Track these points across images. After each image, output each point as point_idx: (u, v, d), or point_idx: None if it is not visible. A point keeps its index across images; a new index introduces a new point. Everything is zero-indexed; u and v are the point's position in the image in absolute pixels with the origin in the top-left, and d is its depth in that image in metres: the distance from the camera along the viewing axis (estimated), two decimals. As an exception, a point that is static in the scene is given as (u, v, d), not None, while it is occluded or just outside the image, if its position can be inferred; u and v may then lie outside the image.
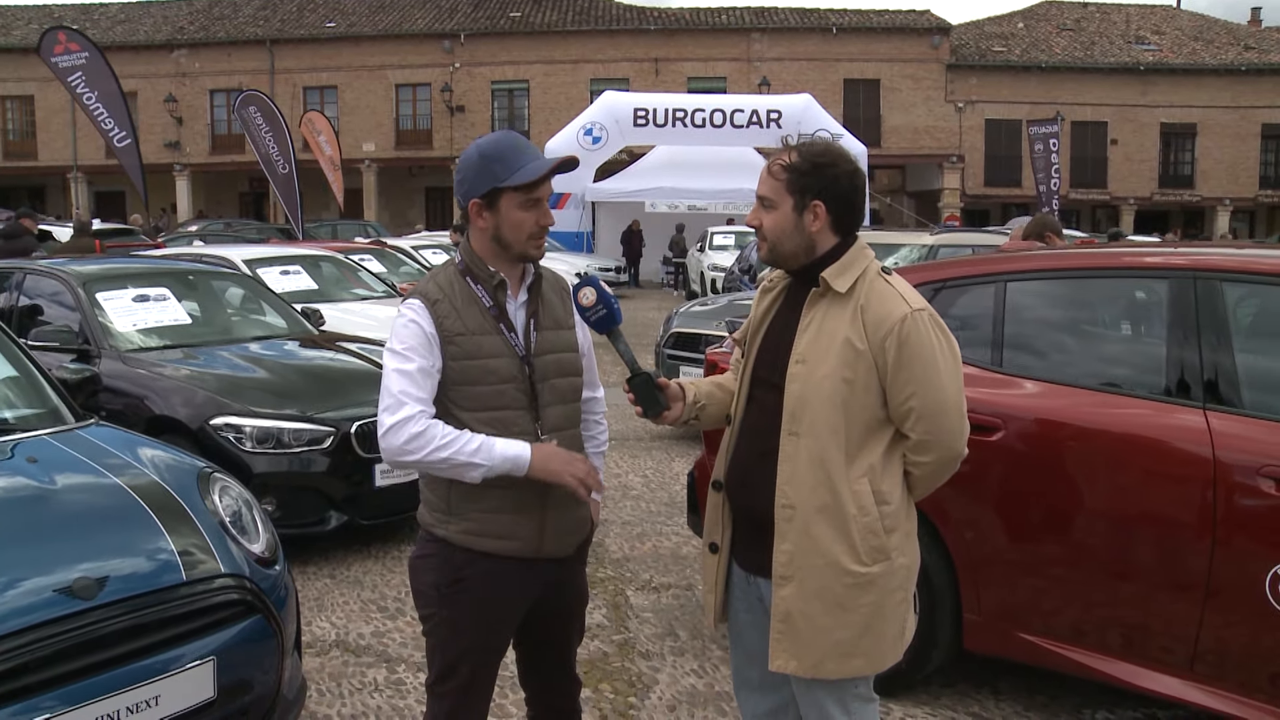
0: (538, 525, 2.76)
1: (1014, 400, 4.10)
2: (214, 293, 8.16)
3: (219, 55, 42.37)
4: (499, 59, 41.17)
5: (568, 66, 40.81)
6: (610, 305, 2.71)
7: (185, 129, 42.33)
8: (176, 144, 42.05)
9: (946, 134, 40.65)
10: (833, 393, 2.59)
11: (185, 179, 42.54)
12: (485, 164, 2.71)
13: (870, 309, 2.59)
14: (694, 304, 11.84)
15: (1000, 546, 4.10)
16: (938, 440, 2.62)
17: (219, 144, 42.52)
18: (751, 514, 2.77)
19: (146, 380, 6.41)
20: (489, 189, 2.70)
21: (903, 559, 2.68)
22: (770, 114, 30.36)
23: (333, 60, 41.64)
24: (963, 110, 40.67)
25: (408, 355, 2.68)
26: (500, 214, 2.72)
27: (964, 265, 4.83)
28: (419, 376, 2.66)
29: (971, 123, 40.79)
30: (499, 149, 2.72)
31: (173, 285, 7.67)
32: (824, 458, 2.60)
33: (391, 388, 2.66)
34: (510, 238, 2.73)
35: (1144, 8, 47.33)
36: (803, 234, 2.67)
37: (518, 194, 2.70)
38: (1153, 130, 41.36)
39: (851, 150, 2.75)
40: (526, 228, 2.73)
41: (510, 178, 2.68)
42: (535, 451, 2.65)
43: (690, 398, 2.83)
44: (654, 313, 21.15)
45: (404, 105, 42.14)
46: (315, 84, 41.93)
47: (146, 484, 3.55)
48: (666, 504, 7.54)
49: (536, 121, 40.38)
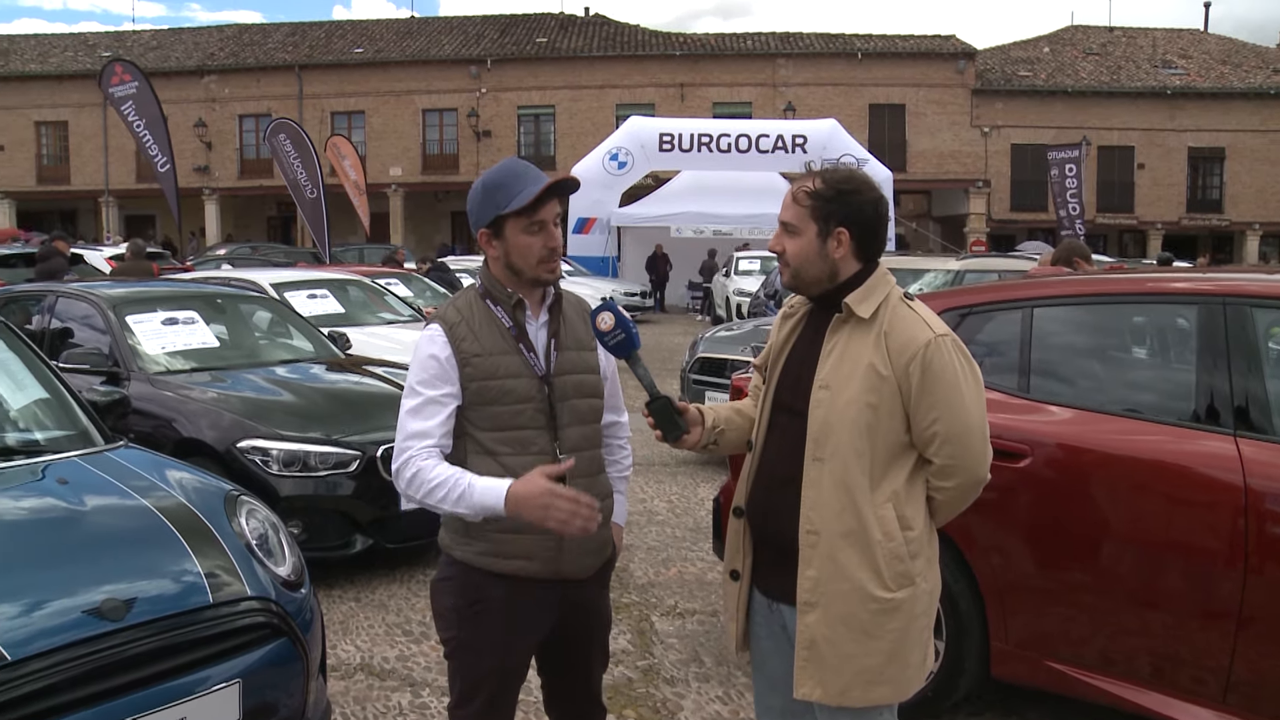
0: (555, 546, 2.76)
1: (1041, 426, 4.08)
2: (241, 316, 8.23)
3: (248, 81, 42.83)
4: (525, 84, 41.42)
5: (593, 92, 41.01)
6: (628, 330, 2.71)
7: (214, 153, 42.74)
8: (206, 168, 42.47)
9: (972, 159, 40.58)
10: (857, 418, 2.59)
11: (214, 203, 42.89)
12: (488, 194, 2.74)
13: (894, 334, 2.60)
14: (719, 329, 11.84)
15: (1027, 573, 4.07)
16: (961, 465, 2.62)
17: (247, 168, 42.89)
18: (774, 540, 2.77)
19: (174, 403, 6.46)
20: (493, 218, 2.73)
21: (926, 584, 2.67)
22: (795, 139, 30.45)
23: (360, 86, 41.99)
24: (988, 135, 40.58)
25: (418, 390, 2.72)
26: (507, 241, 2.74)
27: (990, 291, 4.82)
28: (429, 409, 2.70)
29: (997, 147, 40.70)
30: (499, 177, 2.75)
31: (201, 309, 7.73)
32: (848, 483, 2.60)
33: (404, 427, 2.71)
34: (520, 263, 2.75)
35: (1170, 31, 47.07)
36: (826, 260, 2.68)
37: (520, 219, 2.72)
38: (1180, 154, 41.07)
39: (876, 175, 2.76)
40: (535, 252, 2.74)
41: (510, 204, 2.71)
42: (510, 500, 2.55)
43: (709, 422, 2.83)
44: (679, 338, 21.15)
45: (431, 130, 42.42)
46: (343, 109, 42.29)
47: (174, 506, 3.57)
48: (692, 529, 7.52)
49: (562, 146, 40.58)
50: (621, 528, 3.07)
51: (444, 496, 2.62)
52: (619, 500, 3.07)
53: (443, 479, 2.63)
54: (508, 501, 2.55)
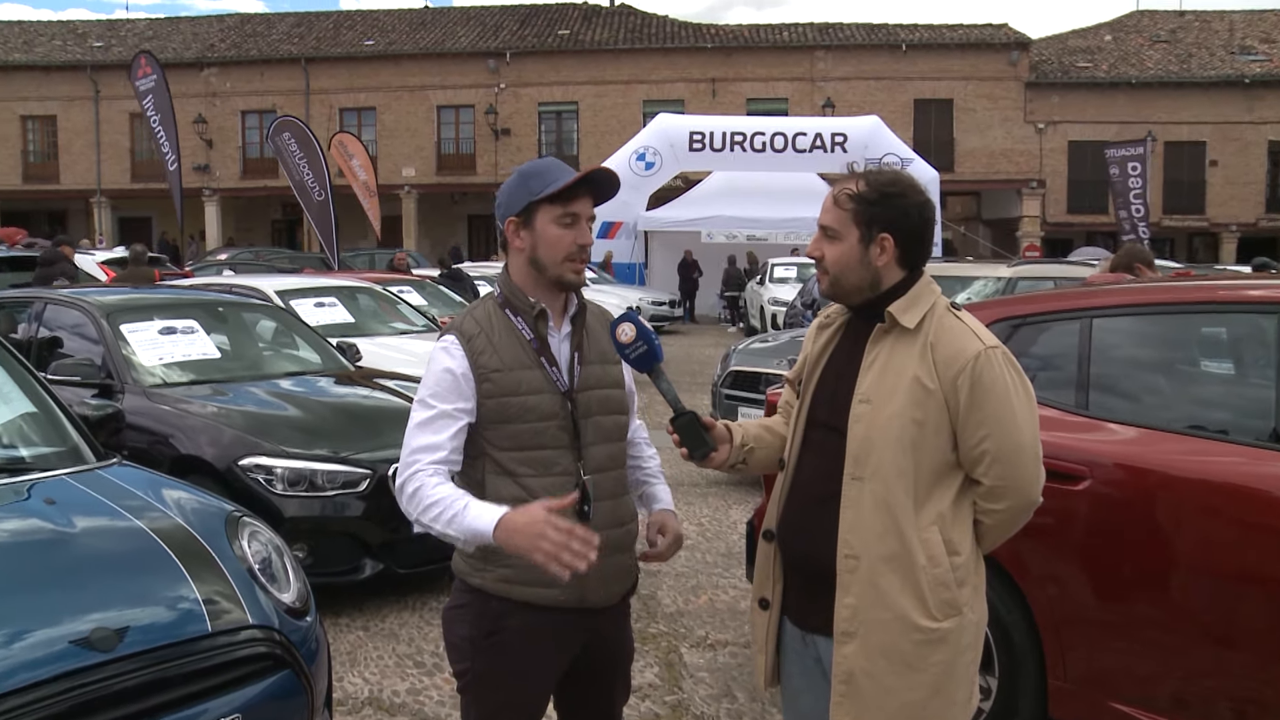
0: (579, 573, 2.76)
1: (1101, 446, 4.05)
2: (244, 325, 8.27)
3: (251, 74, 43.04)
4: (546, 79, 41.58)
5: (619, 87, 41.11)
6: (650, 341, 2.72)
7: (215, 152, 42.95)
8: (206, 167, 42.62)
9: (1026, 157, 40.32)
10: (901, 434, 2.58)
11: (214, 204, 43.11)
12: (523, 180, 2.78)
13: (940, 346, 2.60)
14: (754, 341, 11.81)
15: (1088, 605, 4.03)
16: (1012, 486, 2.61)
17: (250, 168, 43.13)
18: (808, 565, 2.76)
19: (172, 418, 6.50)
20: (525, 204, 2.76)
21: (973, 614, 2.66)
22: (835, 137, 30.40)
23: (371, 80, 42.21)
24: (1043, 131, 40.26)
25: (429, 403, 2.74)
26: (536, 231, 2.76)
27: (1045, 300, 4.80)
28: (440, 422, 2.71)
29: (1053, 145, 40.36)
30: (538, 167, 2.81)
31: (201, 317, 7.78)
32: (891, 504, 2.59)
33: (410, 442, 2.72)
34: (546, 258, 2.77)
35: (1251, 14, 45.44)
36: (868, 267, 2.68)
37: (554, 207, 2.75)
38: (1259, 149, 40.15)
39: (922, 176, 2.77)
40: (563, 246, 2.76)
41: (545, 189, 2.74)
42: (500, 527, 2.52)
43: (737, 440, 2.83)
44: (710, 350, 21.12)
45: (446, 128, 42.61)
46: (352, 105, 42.51)
47: (170, 528, 3.59)
48: (724, 554, 7.51)
49: (586, 145, 40.67)
50: (674, 513, 2.99)
51: (437, 516, 2.61)
52: (662, 488, 3.07)
53: (440, 498, 2.62)
54: (498, 528, 2.53)
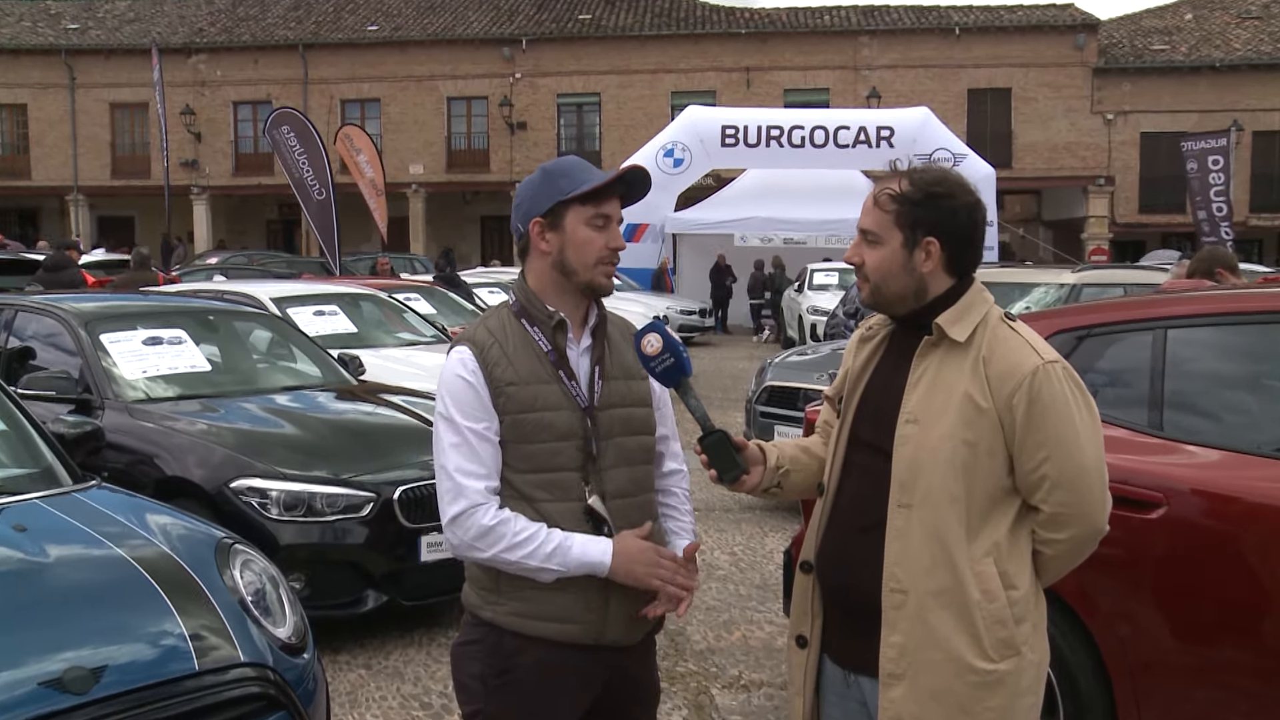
0: (600, 606, 2.76)
1: (1178, 470, 4.02)
2: (237, 335, 8.30)
3: (244, 62, 43.23)
4: (566, 68, 41.71)
5: (645, 77, 41.21)
6: (678, 354, 2.72)
7: (204, 146, 43.15)
8: (194, 163, 42.74)
9: (1092, 151, 40.07)
10: (952, 456, 2.58)
11: (204, 203, 43.35)
12: (549, 179, 2.80)
13: (994, 360, 2.59)
14: (791, 353, 11.80)
15: (1165, 647, 3.99)
16: (1075, 513, 2.59)
17: (243, 164, 43.35)
18: (851, 600, 2.75)
19: (157, 436, 6.53)
20: (552, 204, 2.76)
21: (1033, 655, 2.64)
22: (881, 131, 30.32)
23: (375, 69, 42.40)
24: (1113, 123, 39.92)
25: (459, 421, 2.73)
26: (565, 233, 2.77)
27: (1114, 309, 4.77)
28: (477, 445, 2.73)
29: (1124, 137, 40.01)
30: (563, 165, 2.83)
31: (189, 326, 7.80)
32: (942, 533, 2.58)
33: (448, 466, 2.73)
34: (576, 261, 2.78)
35: None
36: (912, 274, 2.68)
37: (585, 207, 2.76)
38: (1367, 138, 39.17)
39: (976, 173, 2.78)
40: (595, 250, 2.78)
41: (577, 189, 2.75)
42: (618, 555, 2.70)
43: (772, 461, 2.83)
44: (743, 363, 21.09)
45: (457, 121, 42.81)
46: (355, 96, 42.73)
47: (155, 556, 3.60)
48: (758, 586, 7.49)
49: (609, 140, 40.79)
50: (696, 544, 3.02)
51: (532, 552, 2.68)
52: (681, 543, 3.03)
53: (530, 532, 2.69)
54: (616, 557, 2.70)
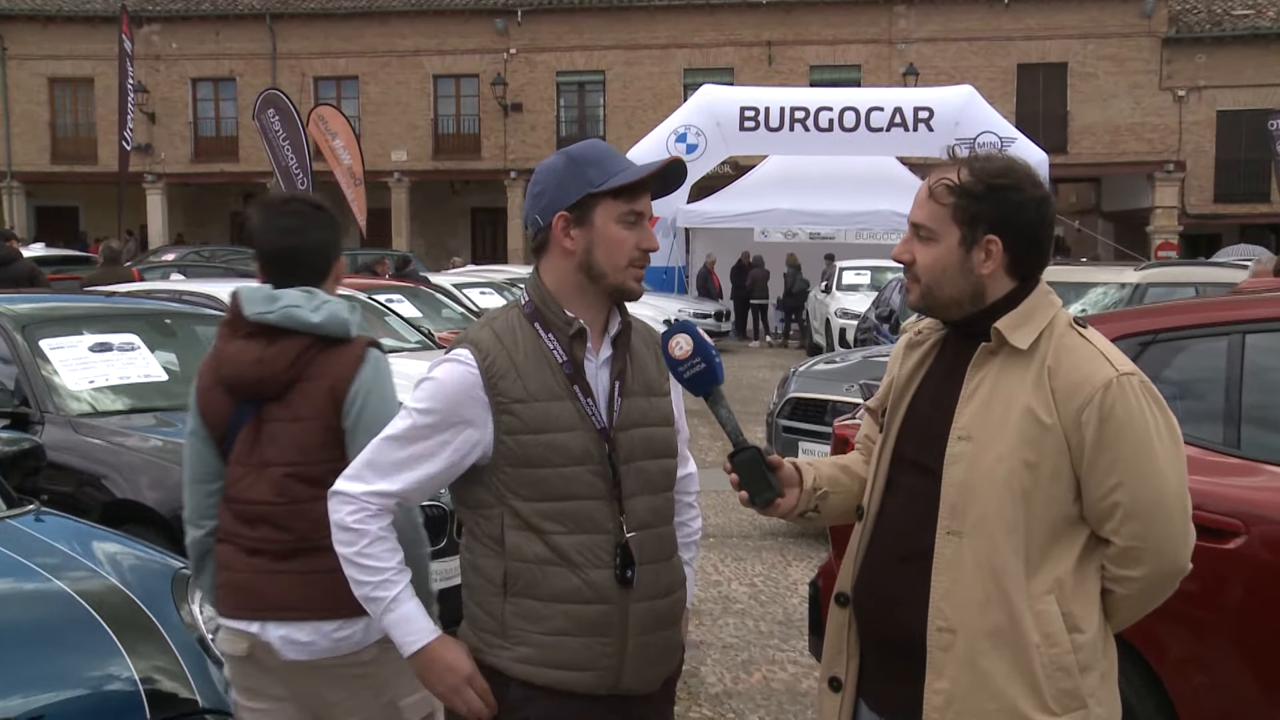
0: (616, 652, 2.76)
1: (1259, 494, 4.02)
2: (198, 341, 8.27)
3: (203, 33, 43.15)
4: (566, 43, 41.79)
5: (655, 53, 41.26)
6: (710, 358, 2.70)
7: (159, 129, 43.09)
8: (148, 147, 42.43)
9: (1160, 133, 39.72)
10: (1009, 479, 2.56)
11: (159, 193, 43.31)
12: (575, 168, 2.77)
13: (1061, 372, 2.57)
14: (818, 361, 11.80)
15: (1248, 697, 3.97)
16: (1152, 548, 2.56)
17: (204, 148, 43.40)
18: (891, 638, 2.74)
19: (105, 454, 6.51)
20: (581, 196, 2.74)
21: (1101, 709, 2.62)
22: (919, 113, 30.40)
23: (352, 43, 42.49)
24: (1184, 100, 39.42)
25: (418, 418, 2.73)
26: (595, 230, 2.75)
27: (1184, 311, 4.78)
28: (420, 454, 2.73)
29: (1197, 116, 39.47)
30: (591, 152, 2.81)
31: (144, 331, 7.77)
32: (996, 565, 2.56)
33: (367, 452, 2.79)
34: (605, 263, 2.76)
35: None
36: (970, 276, 2.66)
37: (618, 202, 2.75)
38: None
39: (1028, 160, 2.72)
40: (626, 250, 2.77)
41: (608, 182, 2.73)
42: (426, 657, 2.77)
43: (809, 483, 2.81)
44: (765, 372, 21.12)
45: (444, 102, 42.91)
46: (329, 73, 42.80)
47: (102, 590, 3.59)
48: (781, 622, 7.49)
49: (614, 123, 40.83)
50: (688, 611, 3.05)
51: (362, 582, 2.77)
52: (686, 574, 3.06)
53: (378, 565, 2.76)
54: (419, 653, 2.77)
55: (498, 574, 2.75)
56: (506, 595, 2.74)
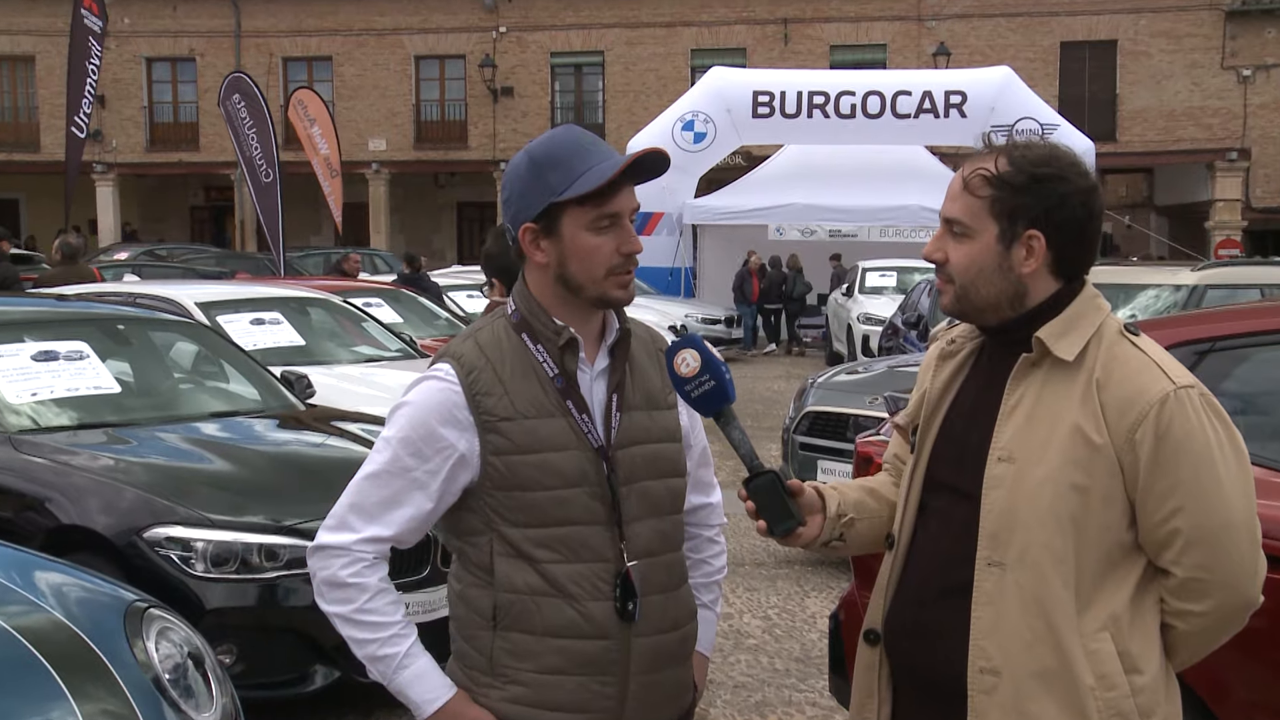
0: (617, 693, 2.75)
1: (1328, 519, 3.98)
2: (154, 349, 8.30)
3: (159, 9, 43.04)
4: (561, 21, 41.87)
5: (659, 32, 41.36)
6: (719, 375, 2.68)
7: (110, 114, 42.93)
8: (97, 134, 41.85)
9: (1222, 118, 39.48)
10: (1055, 505, 2.55)
11: (110, 184, 43.18)
12: (536, 171, 2.73)
13: (1111, 385, 2.56)
14: (839, 371, 11.79)
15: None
16: (1216, 580, 2.56)
17: (160, 136, 43.42)
18: (928, 680, 2.74)
19: (49, 474, 6.48)
20: (544, 207, 2.71)
21: (1163, 758, 2.61)
22: (950, 97, 30.42)
23: (325, 20, 42.56)
24: (1250, 80, 39.16)
25: (400, 452, 2.73)
26: (564, 242, 2.73)
27: (1247, 316, 4.77)
28: (399, 491, 2.73)
29: (1264, 99, 39.17)
30: (554, 150, 2.74)
31: (94, 338, 7.77)
32: (1044, 600, 2.56)
33: (348, 496, 2.77)
34: (581, 275, 2.73)
35: None
36: (1009, 276, 2.66)
37: (585, 209, 2.70)
38: None
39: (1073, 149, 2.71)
40: (602, 258, 2.73)
41: (571, 187, 2.69)
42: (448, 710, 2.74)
43: (833, 509, 2.80)
44: (778, 383, 21.14)
45: (427, 86, 43.01)
46: (299, 53, 42.90)
47: (44, 625, 3.57)
48: (798, 659, 7.49)
49: (614, 109, 40.94)
50: (706, 658, 3.06)
51: (365, 640, 2.74)
52: (705, 619, 3.06)
53: (382, 621, 2.75)
54: (441, 711, 2.74)
55: (487, 606, 2.74)
56: (496, 629, 2.74)
